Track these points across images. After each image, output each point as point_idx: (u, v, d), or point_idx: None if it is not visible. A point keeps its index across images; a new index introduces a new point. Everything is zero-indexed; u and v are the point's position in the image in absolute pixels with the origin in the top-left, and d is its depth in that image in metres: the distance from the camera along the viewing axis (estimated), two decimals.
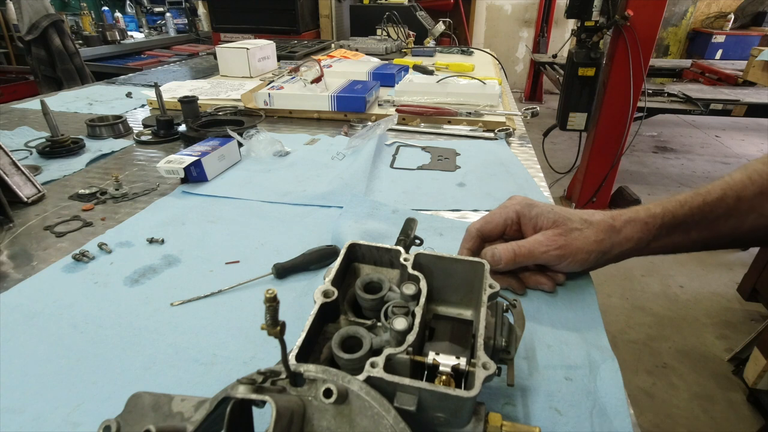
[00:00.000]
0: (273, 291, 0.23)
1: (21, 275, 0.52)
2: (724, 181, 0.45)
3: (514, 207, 0.48)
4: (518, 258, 0.45)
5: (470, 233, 0.49)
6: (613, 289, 2.09)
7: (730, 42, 4.98)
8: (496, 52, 2.14)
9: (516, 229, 0.48)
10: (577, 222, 0.45)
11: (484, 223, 0.49)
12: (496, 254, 0.46)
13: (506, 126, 1.01)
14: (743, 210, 0.43)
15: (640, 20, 2.08)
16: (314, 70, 1.14)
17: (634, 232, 0.44)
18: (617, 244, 0.44)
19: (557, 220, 0.46)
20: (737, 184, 0.44)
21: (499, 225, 0.48)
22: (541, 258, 0.45)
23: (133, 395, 0.26)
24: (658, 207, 0.45)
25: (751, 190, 0.43)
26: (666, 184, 3.27)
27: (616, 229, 0.45)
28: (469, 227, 0.50)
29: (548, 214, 0.46)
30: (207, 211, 0.67)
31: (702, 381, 1.63)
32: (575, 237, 0.44)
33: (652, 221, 0.44)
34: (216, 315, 0.46)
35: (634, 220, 0.45)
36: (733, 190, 0.44)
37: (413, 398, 0.26)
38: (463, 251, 0.49)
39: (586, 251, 0.44)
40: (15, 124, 1.06)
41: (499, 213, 0.49)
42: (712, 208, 0.44)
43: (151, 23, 4.58)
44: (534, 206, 0.48)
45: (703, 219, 0.44)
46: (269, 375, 0.24)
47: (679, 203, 0.45)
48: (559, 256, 0.45)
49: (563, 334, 0.43)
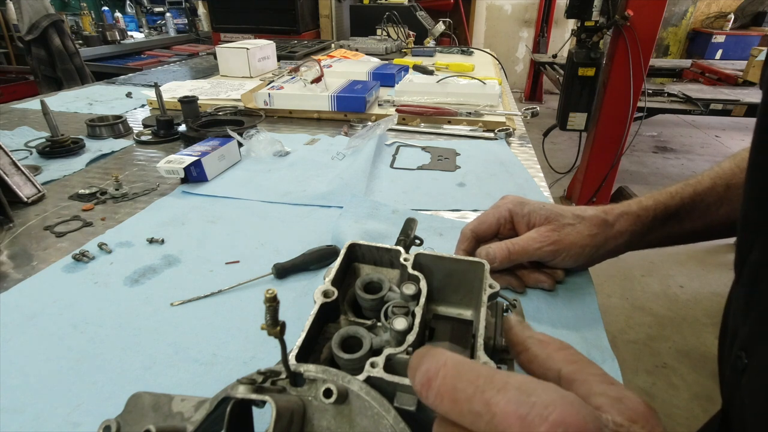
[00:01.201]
0: (273, 291, 0.23)
1: (21, 275, 0.52)
2: (713, 171, 0.46)
3: (506, 206, 0.49)
4: (512, 255, 0.45)
5: (464, 235, 0.49)
6: (613, 289, 2.09)
7: (730, 42, 4.99)
8: (496, 52, 2.14)
9: (510, 228, 0.49)
10: (570, 218, 0.46)
11: (478, 224, 0.49)
12: (490, 253, 0.46)
13: (506, 126, 1.01)
14: (733, 198, 0.44)
15: (640, 20, 2.08)
16: (314, 70, 1.14)
17: (627, 226, 0.45)
18: (611, 238, 0.45)
19: (549, 217, 0.46)
20: (726, 172, 0.45)
21: (493, 225, 0.48)
22: (536, 254, 0.45)
23: (133, 395, 0.26)
24: (650, 200, 0.46)
25: (740, 177, 0.43)
26: (666, 184, 3.23)
27: (609, 223, 0.45)
28: (463, 229, 0.50)
29: (540, 210, 0.47)
30: (207, 211, 0.67)
31: (702, 381, 1.63)
32: (568, 232, 0.45)
33: (645, 214, 0.45)
34: (216, 315, 0.46)
35: (626, 213, 0.45)
36: (722, 179, 0.44)
37: (413, 398, 0.26)
38: (459, 253, 0.49)
39: (579, 245, 0.44)
40: (15, 124, 1.06)
41: (492, 213, 0.49)
42: (703, 198, 0.44)
43: (151, 23, 4.59)
44: (526, 204, 0.48)
45: (694, 208, 0.45)
46: (269, 375, 0.24)
47: (670, 195, 0.45)
48: (553, 252, 0.45)
49: (563, 334, 0.43)
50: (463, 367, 0.20)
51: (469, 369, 0.20)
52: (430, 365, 0.21)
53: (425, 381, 0.20)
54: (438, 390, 0.20)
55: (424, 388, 0.20)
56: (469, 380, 0.19)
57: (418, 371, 0.21)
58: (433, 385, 0.20)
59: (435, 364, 0.20)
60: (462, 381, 0.19)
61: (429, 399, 0.20)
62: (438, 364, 0.20)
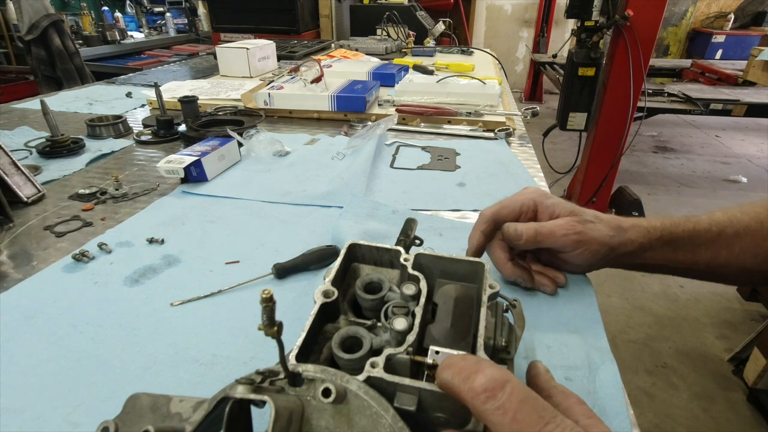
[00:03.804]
0: (269, 291, 0.23)
1: (21, 275, 0.52)
2: (715, 215, 0.48)
3: (531, 195, 0.49)
4: (539, 236, 0.46)
5: (484, 216, 0.49)
6: (613, 289, 2.09)
7: (730, 42, 4.99)
8: (496, 52, 2.14)
9: (530, 217, 0.49)
10: (591, 216, 0.47)
11: (500, 208, 0.49)
12: (519, 229, 0.46)
13: (506, 126, 1.01)
14: (721, 245, 0.46)
15: (640, 20, 2.08)
16: (314, 70, 1.14)
17: (637, 236, 0.46)
18: (622, 244, 0.46)
19: (574, 210, 0.47)
20: (723, 221, 0.47)
21: (515, 211, 0.49)
22: (560, 240, 0.46)
23: (131, 396, 0.26)
24: (657, 221, 0.47)
25: (733, 227, 0.46)
26: (666, 184, 3.27)
27: (624, 229, 0.46)
28: (483, 211, 0.50)
29: (564, 204, 0.48)
30: (207, 211, 0.67)
31: (702, 381, 1.63)
32: (591, 227, 0.46)
33: (653, 231, 0.46)
34: (216, 315, 0.46)
35: (638, 225, 0.47)
36: (717, 226, 0.46)
37: (413, 398, 0.26)
38: (476, 233, 0.49)
39: (599, 242, 0.45)
40: (15, 124, 1.06)
41: (516, 199, 0.49)
42: (699, 235, 0.46)
43: (151, 23, 4.58)
44: (550, 197, 0.49)
45: (689, 243, 0.46)
46: (268, 375, 0.24)
47: (674, 223, 0.47)
48: (576, 242, 0.45)
49: (563, 334, 0.43)
50: (529, 393, 0.22)
51: (534, 397, 0.22)
52: (495, 375, 0.22)
53: (489, 389, 0.22)
54: (503, 404, 0.21)
55: (486, 395, 0.22)
56: (534, 408, 0.22)
57: (478, 376, 0.22)
58: (499, 396, 0.22)
59: (501, 377, 0.22)
60: (527, 406, 0.21)
61: (486, 406, 0.22)
62: (503, 378, 0.22)
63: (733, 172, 3.41)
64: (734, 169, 3.50)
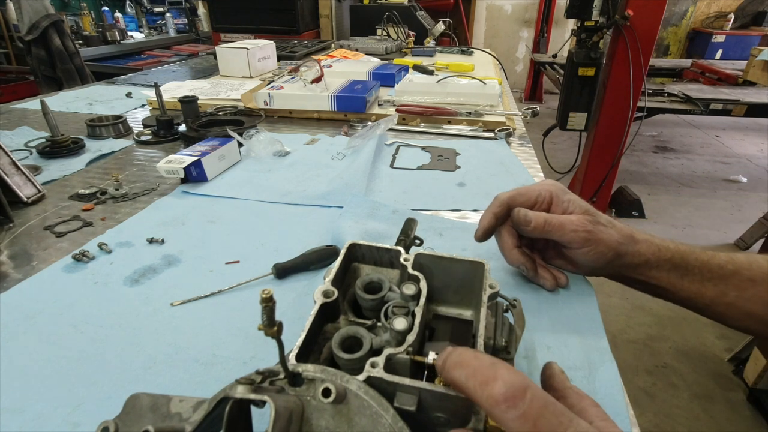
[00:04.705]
0: (269, 291, 0.23)
1: (21, 275, 0.52)
2: (737, 255, 0.47)
3: (548, 187, 0.49)
4: (548, 226, 0.46)
5: (499, 199, 0.49)
6: (613, 289, 2.09)
7: (730, 42, 4.99)
8: (496, 52, 2.14)
9: (545, 208, 0.49)
10: (605, 219, 0.47)
11: (516, 194, 0.49)
12: (529, 215, 0.46)
13: (506, 126, 1.01)
14: (731, 284, 0.45)
15: (640, 20, 2.08)
16: (314, 70, 1.14)
17: (647, 250, 0.46)
18: (630, 255, 0.46)
19: (588, 210, 0.47)
20: (743, 262, 0.45)
21: (531, 199, 0.49)
22: (569, 235, 0.46)
23: (131, 396, 0.26)
24: (672, 243, 0.47)
25: (747, 273, 0.45)
26: (666, 184, 3.27)
27: (635, 240, 0.46)
28: (498, 195, 0.50)
29: (580, 202, 0.48)
30: (207, 211, 0.67)
31: (702, 381, 1.63)
32: (602, 230, 0.46)
33: (665, 251, 0.46)
34: (216, 315, 0.46)
35: (650, 241, 0.46)
36: (734, 265, 0.45)
37: (413, 398, 0.26)
38: (488, 215, 0.49)
39: (607, 246, 0.45)
40: (15, 124, 1.06)
41: (534, 188, 0.49)
42: (711, 269, 0.45)
43: (151, 23, 4.59)
44: (567, 192, 0.49)
45: (699, 272, 0.46)
46: (268, 375, 0.24)
47: (690, 249, 0.47)
48: (585, 240, 0.45)
49: (563, 334, 0.44)
50: (548, 399, 0.22)
51: (553, 402, 0.22)
52: (515, 383, 0.22)
53: (510, 398, 0.21)
54: (524, 412, 0.21)
55: (507, 405, 0.21)
56: (554, 414, 0.21)
57: (497, 383, 0.22)
58: (520, 405, 0.21)
59: (521, 383, 0.22)
60: (548, 412, 0.21)
61: (507, 415, 0.21)
62: (523, 384, 0.22)
63: (733, 172, 3.41)
64: (734, 169, 3.50)
